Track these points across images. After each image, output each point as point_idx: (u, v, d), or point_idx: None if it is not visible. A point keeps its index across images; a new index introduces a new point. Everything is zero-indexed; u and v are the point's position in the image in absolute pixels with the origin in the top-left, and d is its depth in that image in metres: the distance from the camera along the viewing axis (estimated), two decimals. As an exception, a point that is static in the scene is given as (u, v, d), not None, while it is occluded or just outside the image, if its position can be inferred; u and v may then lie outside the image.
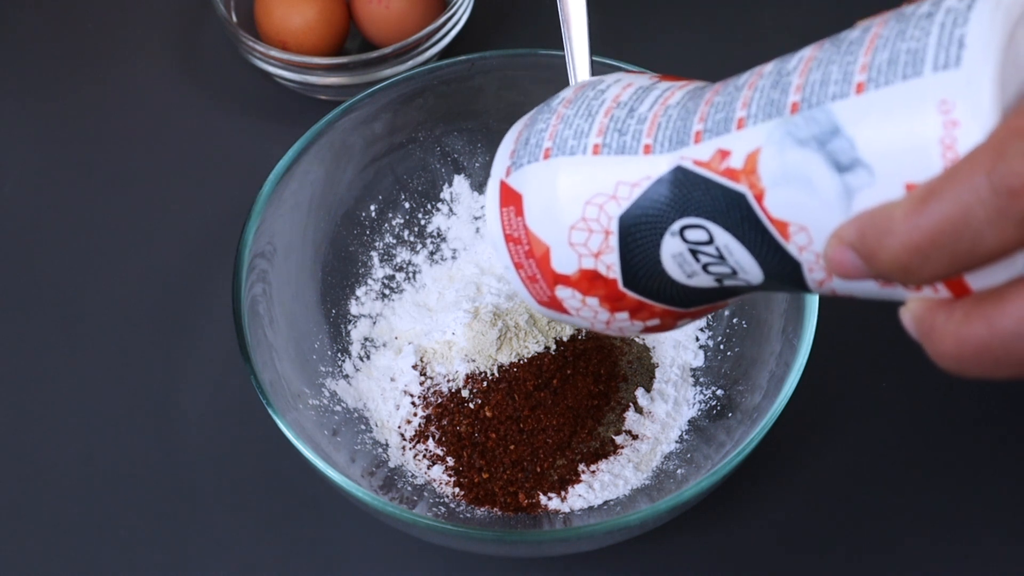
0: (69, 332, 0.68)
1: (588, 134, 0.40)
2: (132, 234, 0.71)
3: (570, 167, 0.40)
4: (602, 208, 0.39)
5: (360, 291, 0.66)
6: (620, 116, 0.40)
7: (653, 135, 0.38)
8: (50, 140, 0.76)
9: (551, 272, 0.41)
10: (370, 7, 0.74)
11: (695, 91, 0.39)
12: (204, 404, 0.65)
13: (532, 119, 0.43)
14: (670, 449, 0.61)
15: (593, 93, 0.41)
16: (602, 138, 0.40)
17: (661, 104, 0.39)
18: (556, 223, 0.40)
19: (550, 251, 0.41)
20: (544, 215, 0.41)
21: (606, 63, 0.63)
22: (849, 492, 0.62)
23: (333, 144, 0.63)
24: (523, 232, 0.41)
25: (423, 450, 0.61)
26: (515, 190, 0.41)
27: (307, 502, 0.62)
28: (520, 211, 0.41)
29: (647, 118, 0.39)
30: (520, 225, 0.41)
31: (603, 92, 0.41)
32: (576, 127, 0.40)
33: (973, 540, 0.61)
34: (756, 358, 0.60)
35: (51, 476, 0.63)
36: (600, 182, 0.39)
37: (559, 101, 0.42)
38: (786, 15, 0.79)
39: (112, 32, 0.80)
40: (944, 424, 0.64)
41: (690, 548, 0.60)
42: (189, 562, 0.61)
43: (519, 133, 0.43)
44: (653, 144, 0.38)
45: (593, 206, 0.39)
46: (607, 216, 0.39)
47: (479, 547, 0.56)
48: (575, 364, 0.62)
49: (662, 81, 0.41)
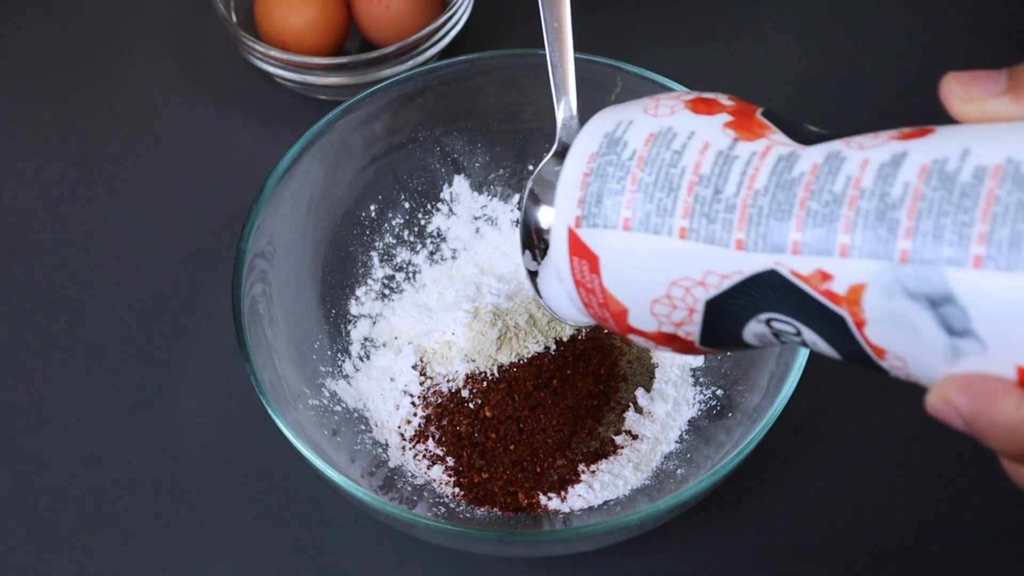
0: (69, 332, 0.68)
1: (673, 214, 0.39)
2: (132, 234, 0.71)
3: (655, 247, 0.39)
4: (689, 291, 0.39)
5: (360, 291, 0.66)
6: (705, 198, 0.38)
7: (745, 230, 0.38)
8: (50, 140, 0.76)
9: (627, 325, 0.41)
10: (370, 7, 0.74)
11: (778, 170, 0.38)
12: (204, 404, 0.65)
13: (601, 168, 0.41)
14: (670, 449, 0.61)
15: (669, 156, 0.39)
16: (689, 222, 0.38)
17: (748, 189, 0.38)
18: (638, 294, 0.40)
19: (628, 312, 0.41)
20: (625, 284, 0.40)
21: (607, 63, 0.63)
22: (849, 492, 0.62)
23: (333, 144, 0.63)
24: (599, 289, 0.41)
25: (423, 450, 0.61)
26: (589, 248, 0.41)
27: (307, 502, 0.62)
28: (596, 270, 0.41)
29: (736, 206, 0.38)
30: (596, 282, 0.41)
31: (680, 156, 0.39)
32: (658, 202, 0.39)
33: (973, 540, 0.61)
34: (756, 358, 0.60)
35: (51, 476, 0.63)
36: (688, 268, 0.39)
37: (630, 154, 0.40)
38: (785, 14, 0.79)
39: (112, 32, 0.80)
40: (943, 424, 0.64)
41: (690, 548, 0.60)
42: (189, 562, 0.61)
43: (584, 177, 0.41)
44: (746, 240, 0.38)
45: (679, 287, 0.39)
46: (693, 298, 0.39)
47: (479, 547, 0.56)
48: (575, 364, 0.62)
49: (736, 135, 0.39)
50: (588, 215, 0.40)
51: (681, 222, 0.39)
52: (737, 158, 0.38)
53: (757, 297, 0.38)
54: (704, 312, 0.39)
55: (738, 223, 0.38)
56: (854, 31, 0.78)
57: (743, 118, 0.40)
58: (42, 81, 0.78)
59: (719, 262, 0.38)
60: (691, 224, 0.38)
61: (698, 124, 0.40)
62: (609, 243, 0.40)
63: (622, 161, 0.40)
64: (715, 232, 0.38)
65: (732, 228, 0.38)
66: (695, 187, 0.38)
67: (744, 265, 0.38)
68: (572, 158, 0.41)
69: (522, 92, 0.66)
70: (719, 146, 0.39)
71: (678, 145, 0.39)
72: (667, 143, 0.40)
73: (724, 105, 0.40)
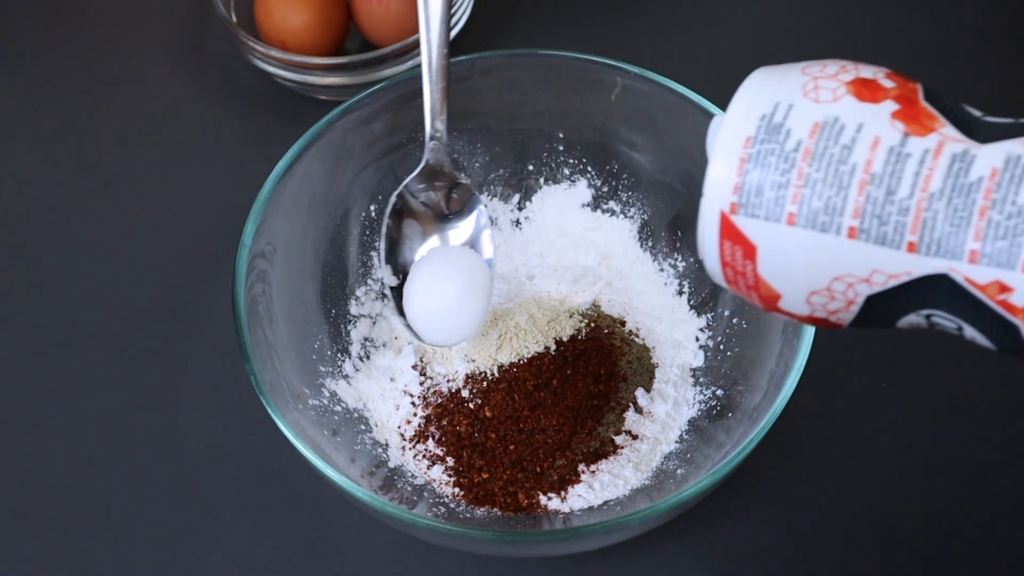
0: (69, 332, 0.68)
1: (842, 213, 0.38)
2: (132, 234, 0.71)
3: (821, 245, 0.39)
4: (852, 287, 0.39)
5: (360, 291, 0.66)
6: (878, 199, 0.38)
7: (918, 234, 0.37)
8: (50, 140, 0.76)
9: (775, 307, 0.41)
10: (370, 7, 0.74)
11: (953, 171, 0.38)
12: (204, 404, 0.65)
13: (760, 156, 0.40)
14: (670, 449, 0.61)
15: (838, 151, 0.39)
16: (859, 222, 0.38)
17: (922, 191, 0.37)
18: (795, 285, 0.40)
19: (781, 298, 0.41)
20: (783, 275, 0.40)
21: (607, 63, 0.63)
22: (849, 492, 0.62)
23: (333, 144, 0.63)
24: (751, 274, 0.41)
25: (423, 450, 0.61)
26: (746, 237, 0.40)
27: (307, 502, 0.62)
28: (751, 257, 0.40)
29: (909, 209, 0.37)
30: (749, 268, 0.41)
31: (849, 151, 0.39)
32: (826, 200, 0.38)
33: (973, 540, 0.61)
34: (756, 358, 0.60)
35: (51, 476, 0.63)
36: (854, 266, 0.39)
37: (794, 146, 0.39)
38: (786, 14, 0.79)
39: (112, 32, 0.80)
40: (944, 424, 0.64)
41: (690, 548, 0.60)
42: (189, 562, 0.61)
43: (741, 163, 0.40)
44: (918, 244, 0.37)
45: (842, 283, 0.39)
46: (855, 292, 0.39)
47: (479, 547, 0.56)
48: (575, 364, 0.62)
49: (905, 128, 0.39)
50: (747, 204, 0.40)
51: (851, 222, 0.38)
52: (910, 156, 0.38)
53: (923, 296, 0.38)
54: (863, 305, 0.39)
55: (911, 226, 0.37)
56: (855, 30, 0.78)
57: (909, 106, 0.39)
58: (42, 81, 0.78)
59: (888, 263, 0.38)
60: (861, 225, 0.38)
61: (865, 115, 0.39)
62: (769, 235, 0.40)
63: (786, 152, 0.39)
64: (887, 234, 0.38)
65: (905, 231, 0.38)
66: (866, 186, 0.38)
67: (914, 267, 0.38)
68: (725, 139, 0.40)
69: (522, 92, 0.66)
70: (890, 142, 0.38)
71: (847, 139, 0.39)
72: (835, 136, 0.39)
73: (887, 88, 0.39)
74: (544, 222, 0.68)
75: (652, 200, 0.67)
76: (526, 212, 0.68)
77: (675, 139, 0.64)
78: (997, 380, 0.65)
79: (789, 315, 0.41)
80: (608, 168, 0.67)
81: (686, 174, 0.65)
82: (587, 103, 0.66)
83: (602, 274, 0.67)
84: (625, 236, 0.67)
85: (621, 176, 0.67)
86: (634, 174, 0.67)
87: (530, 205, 0.68)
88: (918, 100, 0.39)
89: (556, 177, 0.68)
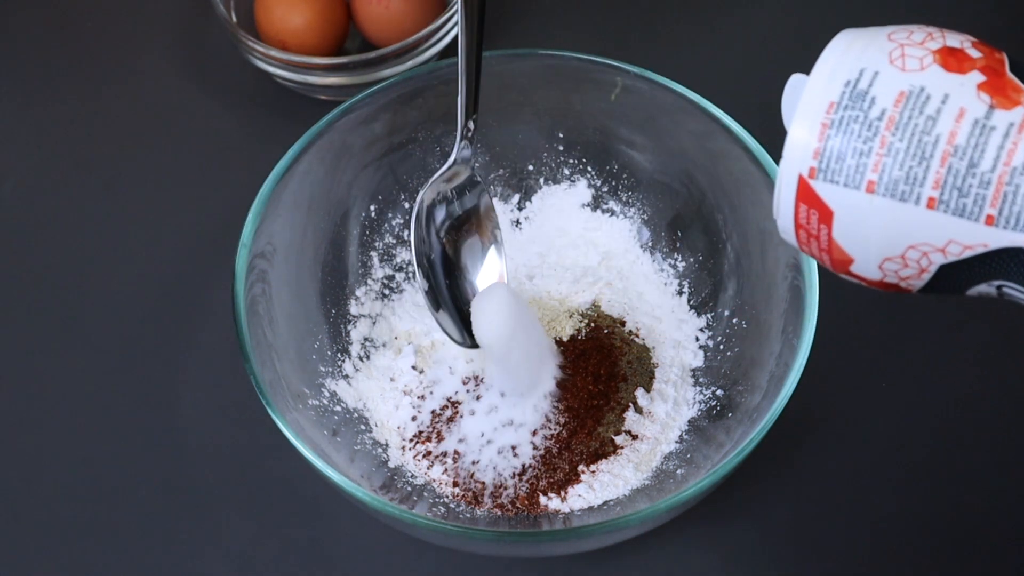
0: (69, 332, 0.68)
1: (923, 184, 0.38)
2: (132, 234, 0.71)
3: (899, 214, 0.39)
4: (926, 255, 0.39)
5: (360, 291, 0.66)
6: (959, 171, 0.38)
7: (998, 207, 0.38)
8: (50, 140, 0.76)
9: (846, 270, 0.41)
10: (370, 7, 0.74)
11: None
12: (204, 404, 0.65)
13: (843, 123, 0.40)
14: (670, 449, 0.61)
15: (923, 122, 0.39)
16: (939, 193, 0.38)
17: (1004, 165, 0.38)
18: (869, 250, 0.40)
19: (853, 262, 0.41)
20: (858, 241, 0.40)
21: (607, 63, 0.63)
22: (849, 492, 0.62)
23: (333, 144, 0.63)
24: (825, 238, 0.41)
25: (423, 450, 0.61)
26: (823, 201, 0.40)
27: (307, 502, 0.62)
28: (827, 221, 0.41)
29: (991, 182, 0.38)
30: (824, 232, 0.41)
31: (934, 122, 0.39)
32: (908, 170, 0.39)
33: (974, 540, 0.61)
34: (756, 358, 0.60)
35: (51, 476, 0.63)
36: (930, 236, 0.39)
37: (878, 114, 0.39)
38: (786, 13, 0.79)
39: (112, 32, 0.80)
40: (944, 424, 0.64)
41: (690, 548, 0.60)
42: (189, 561, 0.61)
43: (823, 128, 0.40)
44: (998, 217, 0.38)
45: (916, 251, 0.39)
46: (929, 261, 0.39)
47: (479, 547, 0.56)
48: (575, 364, 0.62)
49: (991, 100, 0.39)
50: (826, 169, 0.40)
51: (931, 192, 0.38)
52: (994, 129, 0.38)
53: (997, 268, 0.38)
54: (935, 273, 0.40)
55: (991, 199, 0.38)
56: (854, 31, 0.78)
57: (995, 77, 0.39)
58: (42, 81, 0.78)
59: (965, 234, 0.38)
60: (941, 196, 0.38)
61: (951, 85, 0.39)
62: (847, 202, 0.40)
63: (869, 120, 0.39)
64: (966, 206, 0.38)
65: (984, 204, 0.38)
66: (949, 158, 0.38)
67: (991, 240, 0.38)
68: (808, 102, 0.40)
69: (521, 92, 0.66)
70: (975, 114, 0.38)
71: (931, 110, 0.39)
72: (920, 106, 0.39)
73: (973, 59, 0.39)
74: (544, 222, 0.68)
75: (652, 200, 0.67)
76: (526, 212, 0.68)
77: (675, 139, 0.64)
78: (997, 380, 0.65)
79: (859, 279, 0.42)
80: (608, 168, 0.67)
81: (686, 174, 0.65)
82: (587, 103, 0.66)
83: (602, 274, 0.67)
84: (625, 236, 0.67)
85: (621, 176, 0.67)
86: (634, 174, 0.67)
87: (530, 205, 0.68)
88: (1004, 72, 0.39)
89: (556, 177, 0.68)
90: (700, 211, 0.65)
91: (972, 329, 0.66)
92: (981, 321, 0.67)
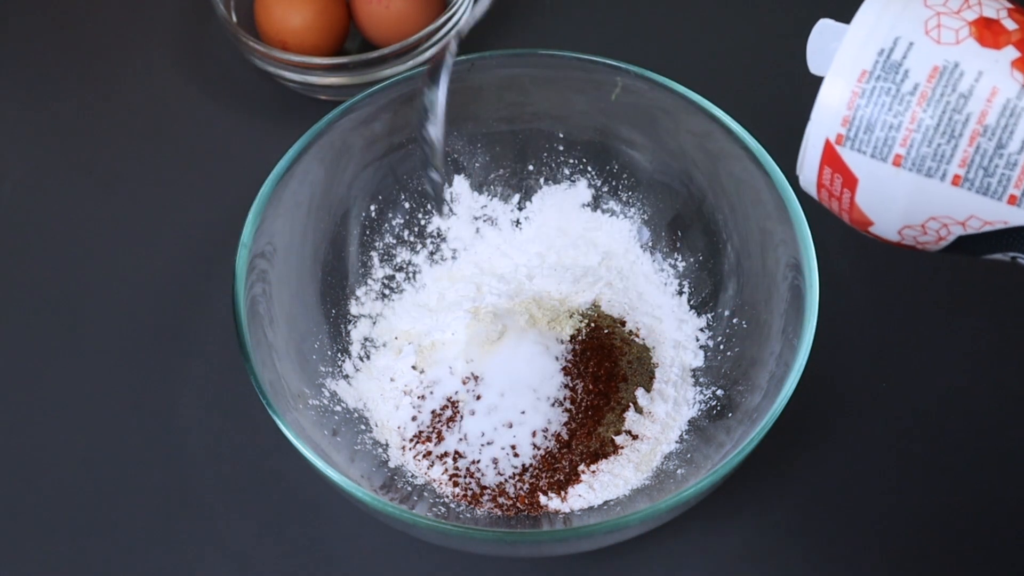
0: (69, 332, 0.68)
1: (950, 161, 0.39)
2: (132, 234, 0.71)
3: (923, 188, 0.40)
4: (946, 226, 0.40)
5: (360, 291, 0.66)
6: (987, 150, 0.38)
7: (1022, 187, 0.38)
8: (50, 140, 0.76)
9: (865, 230, 0.42)
10: (370, 7, 0.74)
11: None
12: (204, 404, 0.65)
13: (875, 94, 0.40)
14: (670, 449, 0.61)
15: (955, 99, 0.39)
16: (965, 171, 0.39)
17: None
18: (890, 217, 0.41)
19: (873, 225, 0.42)
20: (880, 208, 0.41)
21: (607, 63, 0.63)
22: (849, 492, 0.62)
23: (333, 144, 0.63)
24: (848, 201, 0.42)
25: (423, 450, 0.61)
26: (849, 168, 0.41)
27: (307, 502, 0.62)
28: (851, 187, 0.41)
29: (1017, 164, 0.38)
30: (847, 196, 0.41)
31: (966, 101, 0.39)
32: (936, 147, 0.39)
33: (973, 540, 0.61)
34: (756, 358, 0.60)
35: (51, 476, 0.63)
36: (952, 210, 0.39)
37: (911, 88, 0.39)
38: (786, 14, 0.79)
39: (112, 32, 0.80)
40: (944, 424, 0.64)
41: (690, 548, 0.60)
42: (189, 562, 0.61)
43: (853, 96, 0.40)
44: (1020, 197, 0.38)
45: (937, 222, 0.40)
46: (948, 232, 0.40)
47: (479, 547, 0.56)
48: (575, 364, 0.62)
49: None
50: (854, 138, 0.40)
51: (957, 170, 0.39)
52: (1022, 107, 0.39)
53: (1014, 242, 0.39)
54: (953, 242, 0.40)
55: (1016, 180, 0.38)
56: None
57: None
58: (42, 81, 0.78)
59: (986, 211, 0.39)
60: (967, 174, 0.39)
61: (986, 62, 0.39)
62: (873, 172, 0.40)
63: (901, 94, 0.39)
64: (990, 185, 0.39)
65: (1009, 184, 0.38)
66: (978, 138, 0.39)
67: (1012, 218, 0.38)
68: (840, 67, 0.40)
69: (522, 92, 0.66)
70: (1007, 94, 0.39)
71: (964, 88, 0.39)
72: (953, 84, 0.39)
73: (1009, 32, 0.39)
74: (544, 222, 0.68)
75: (652, 200, 0.67)
76: (526, 212, 0.68)
77: (675, 139, 0.64)
78: (997, 380, 0.65)
79: (877, 238, 0.42)
80: (608, 168, 0.67)
81: (686, 174, 0.65)
82: (587, 103, 0.66)
83: (602, 274, 0.67)
84: (625, 236, 0.67)
85: (621, 176, 0.67)
86: (634, 174, 0.67)
87: (530, 205, 0.68)
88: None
89: (556, 177, 0.68)
90: (700, 211, 0.65)
91: (972, 329, 0.67)
92: (981, 321, 0.67)
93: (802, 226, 0.58)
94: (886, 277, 0.68)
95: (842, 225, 0.45)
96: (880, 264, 0.68)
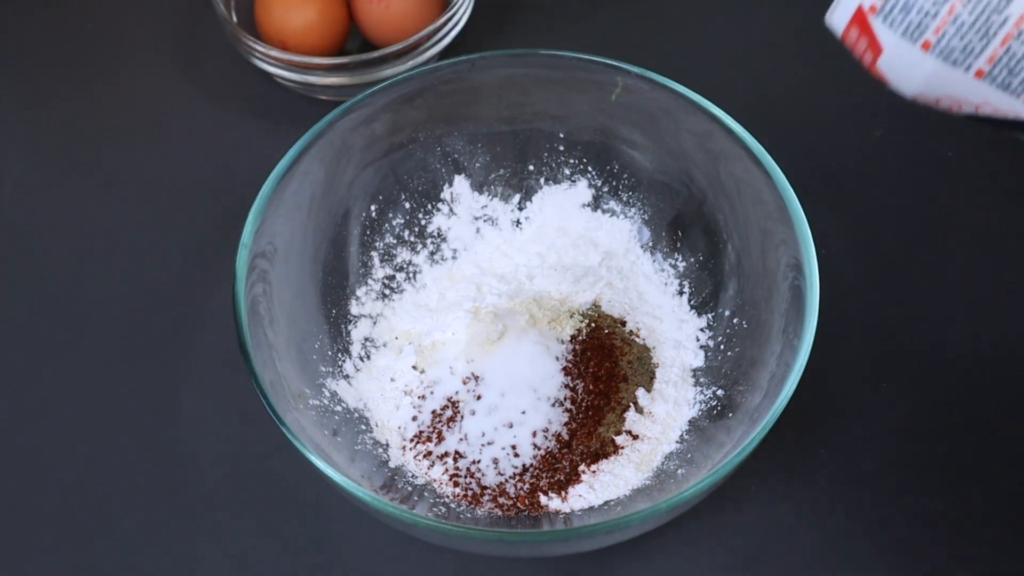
0: (69, 332, 0.68)
1: (978, 56, 0.40)
2: (132, 234, 0.71)
3: (946, 74, 0.41)
4: (960, 105, 0.41)
5: (360, 291, 0.66)
6: (1016, 53, 0.40)
7: None
8: (50, 140, 0.76)
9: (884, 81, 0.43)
10: (370, 7, 0.74)
11: None
12: (204, 404, 0.65)
13: None
14: (670, 449, 0.61)
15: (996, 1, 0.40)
16: (990, 67, 0.40)
17: None
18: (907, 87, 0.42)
19: (889, 83, 0.43)
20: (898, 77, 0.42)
21: (607, 63, 0.63)
22: (849, 492, 0.62)
23: (333, 144, 0.63)
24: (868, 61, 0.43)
25: (423, 450, 0.61)
26: (876, 38, 0.42)
27: (307, 502, 0.62)
28: (874, 51, 0.42)
29: None
30: (868, 58, 0.43)
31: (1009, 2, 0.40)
32: (967, 42, 0.40)
33: (973, 540, 0.61)
34: (756, 358, 0.60)
35: (51, 476, 0.63)
36: (970, 95, 0.41)
37: None
38: (786, 13, 0.79)
39: (112, 32, 0.80)
40: (944, 424, 0.64)
41: (690, 548, 0.60)
42: (189, 562, 0.61)
43: None
44: None
45: (951, 100, 0.41)
46: (960, 108, 0.42)
47: (479, 547, 0.56)
48: (576, 364, 0.62)
49: None
50: (888, 13, 0.41)
51: (983, 65, 0.40)
52: None
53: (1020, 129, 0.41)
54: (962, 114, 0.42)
55: None
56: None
57: None
58: (42, 81, 0.78)
59: (1002, 103, 0.40)
60: (991, 70, 0.40)
61: None
62: (900, 48, 0.41)
63: None
64: (1011, 83, 0.40)
65: None
66: (1011, 40, 0.40)
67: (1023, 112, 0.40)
68: None
69: (522, 92, 0.66)
70: None
71: None
72: None
73: None
74: (544, 222, 0.68)
75: (652, 200, 0.67)
76: (526, 212, 0.68)
77: (675, 139, 0.64)
78: (997, 380, 0.65)
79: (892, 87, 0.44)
80: (608, 168, 0.67)
81: (686, 174, 0.65)
82: (587, 103, 0.66)
83: (602, 274, 0.67)
84: (625, 236, 0.67)
85: (621, 176, 0.67)
86: (634, 174, 0.67)
87: (530, 205, 0.68)
88: None
89: (556, 177, 0.68)
90: (700, 211, 0.65)
91: (972, 328, 0.67)
92: (981, 320, 0.67)
93: (802, 226, 0.58)
94: (886, 277, 0.68)
95: (842, 225, 0.45)
96: (880, 264, 0.68)
